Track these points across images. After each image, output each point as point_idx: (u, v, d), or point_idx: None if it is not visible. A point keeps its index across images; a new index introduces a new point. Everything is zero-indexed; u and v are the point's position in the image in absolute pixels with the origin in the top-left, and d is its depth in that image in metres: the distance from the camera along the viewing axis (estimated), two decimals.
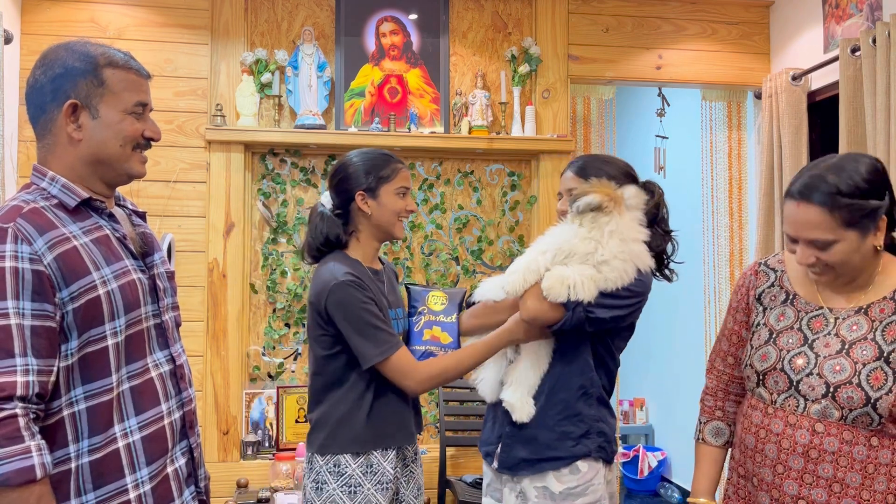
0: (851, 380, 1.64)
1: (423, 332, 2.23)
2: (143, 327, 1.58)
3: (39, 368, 1.41)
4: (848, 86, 3.42)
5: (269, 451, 3.73)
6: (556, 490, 2.02)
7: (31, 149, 3.65)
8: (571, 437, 2.03)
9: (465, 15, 4.06)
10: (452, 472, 3.86)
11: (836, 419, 1.65)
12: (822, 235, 1.64)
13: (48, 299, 1.43)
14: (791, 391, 1.71)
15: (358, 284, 2.07)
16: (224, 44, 3.83)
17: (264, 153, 3.87)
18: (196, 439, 1.70)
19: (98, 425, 1.49)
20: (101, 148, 1.55)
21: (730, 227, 4.33)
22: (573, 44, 4.11)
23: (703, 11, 4.23)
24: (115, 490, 1.50)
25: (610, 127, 4.32)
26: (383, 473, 2.11)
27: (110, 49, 1.58)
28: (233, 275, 3.76)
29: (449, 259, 4.00)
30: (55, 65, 1.54)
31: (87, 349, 1.48)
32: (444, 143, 3.88)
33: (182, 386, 1.67)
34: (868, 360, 1.64)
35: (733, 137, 4.36)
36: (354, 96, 3.91)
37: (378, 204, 2.18)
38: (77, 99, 1.53)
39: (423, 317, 2.24)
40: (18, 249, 1.42)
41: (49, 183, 1.54)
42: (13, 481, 1.35)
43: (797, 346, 1.74)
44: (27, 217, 1.46)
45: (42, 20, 3.70)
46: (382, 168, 2.19)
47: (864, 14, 3.55)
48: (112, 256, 1.54)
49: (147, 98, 1.61)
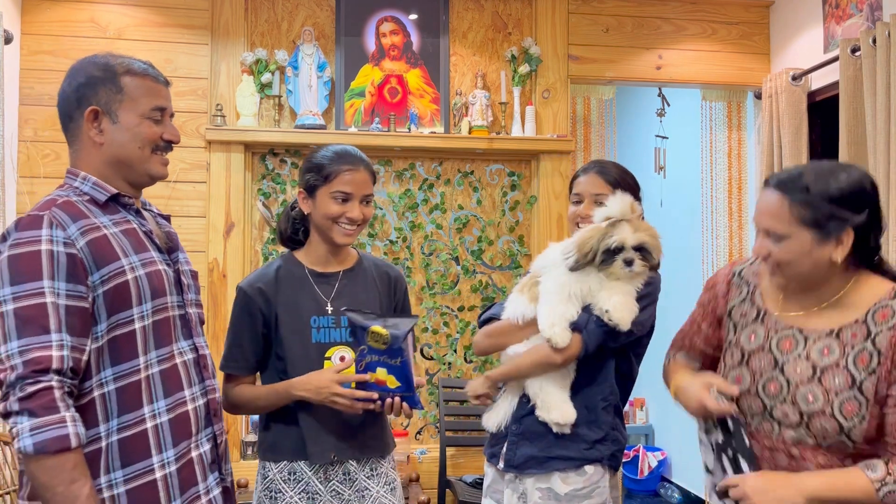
0: (825, 409, 1.59)
1: (366, 373, 1.96)
2: (168, 315, 1.67)
3: (73, 345, 1.50)
4: (848, 86, 3.42)
5: None
6: (562, 492, 1.99)
7: (30, 149, 3.65)
8: (586, 441, 2.01)
9: (465, 15, 4.06)
10: (452, 472, 3.86)
11: (811, 445, 1.63)
12: (775, 226, 1.59)
13: (81, 281, 1.52)
14: (765, 415, 1.69)
15: (249, 297, 2.03)
16: (224, 44, 3.83)
17: (264, 153, 3.87)
18: (220, 427, 1.77)
19: (127, 405, 1.57)
20: (121, 150, 1.66)
21: (729, 227, 4.33)
22: (573, 44, 4.11)
23: (703, 11, 4.23)
24: (143, 469, 1.58)
25: (610, 127, 4.32)
26: (277, 488, 2.01)
27: (130, 59, 1.70)
28: (233, 275, 3.76)
29: (449, 259, 4.00)
30: (79, 75, 1.67)
31: (116, 332, 1.57)
32: (444, 143, 3.88)
33: (205, 374, 1.75)
34: (840, 390, 1.59)
35: (733, 137, 4.36)
36: (354, 96, 3.91)
37: (314, 205, 2.04)
38: (98, 105, 1.64)
39: (364, 357, 1.97)
40: (53, 234, 1.52)
41: (81, 182, 1.66)
42: (50, 448, 1.43)
43: (769, 369, 1.69)
44: (61, 207, 1.57)
45: (42, 20, 3.70)
46: (324, 168, 2.02)
47: (864, 14, 3.55)
48: (139, 247, 1.64)
49: (164, 103, 1.71)
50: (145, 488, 1.58)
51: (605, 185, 2.12)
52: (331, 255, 2.09)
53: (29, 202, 3.59)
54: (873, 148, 3.24)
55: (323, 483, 2.00)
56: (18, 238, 1.51)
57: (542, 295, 1.99)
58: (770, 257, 1.62)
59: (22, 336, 1.47)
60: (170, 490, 1.61)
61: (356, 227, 2.04)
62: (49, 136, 3.67)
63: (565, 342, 1.93)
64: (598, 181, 2.14)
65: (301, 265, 2.08)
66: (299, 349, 2.01)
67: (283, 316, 2.02)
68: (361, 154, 2.08)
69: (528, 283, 2.09)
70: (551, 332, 1.93)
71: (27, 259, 1.50)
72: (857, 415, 1.57)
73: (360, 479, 2.03)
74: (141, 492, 1.57)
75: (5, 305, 1.48)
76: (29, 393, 1.44)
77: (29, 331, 1.47)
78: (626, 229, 1.90)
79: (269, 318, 2.02)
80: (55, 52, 3.70)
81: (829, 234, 1.56)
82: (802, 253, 1.58)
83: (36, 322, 1.47)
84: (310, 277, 2.06)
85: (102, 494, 1.54)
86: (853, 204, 1.56)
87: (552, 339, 1.93)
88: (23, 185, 3.61)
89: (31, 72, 3.68)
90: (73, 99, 1.66)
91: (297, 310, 2.02)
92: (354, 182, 2.01)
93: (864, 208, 1.57)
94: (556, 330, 1.93)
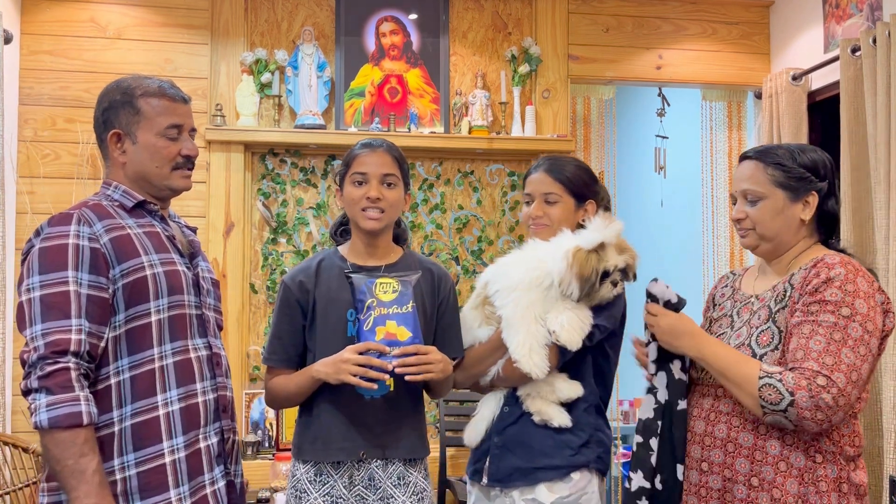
0: (745, 341, 1.78)
1: (374, 332, 1.88)
2: (185, 313, 1.78)
3: (91, 331, 1.63)
4: (848, 86, 3.42)
5: (268, 451, 3.73)
6: (547, 501, 1.95)
7: (30, 149, 3.65)
8: (570, 447, 1.98)
9: (465, 15, 4.06)
10: (452, 472, 3.86)
11: None
12: (753, 188, 1.82)
13: (102, 273, 1.67)
14: None
15: (288, 289, 2.01)
16: (224, 44, 3.83)
17: (264, 153, 3.87)
18: (229, 424, 1.86)
19: (140, 393, 1.69)
20: (141, 168, 1.80)
21: (729, 227, 4.33)
22: (573, 44, 4.11)
23: (703, 11, 4.23)
24: (154, 453, 1.69)
25: (610, 127, 4.32)
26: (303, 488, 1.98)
27: (150, 80, 1.83)
28: (233, 275, 3.76)
29: (449, 259, 4.00)
30: (104, 100, 1.82)
31: (133, 323, 1.70)
32: (444, 143, 3.88)
33: (217, 372, 1.85)
34: (760, 324, 1.78)
35: (733, 137, 4.36)
36: (354, 96, 3.91)
37: (343, 196, 2.04)
38: (119, 128, 1.79)
39: (371, 312, 1.89)
40: (80, 230, 1.67)
41: (113, 190, 1.81)
42: (63, 423, 1.56)
43: (723, 329, 1.88)
44: (91, 207, 1.74)
45: (42, 20, 3.70)
46: (347, 157, 2.04)
47: (864, 14, 3.55)
48: (160, 247, 1.78)
49: (181, 120, 1.82)
50: (155, 472, 1.68)
51: (553, 184, 2.10)
52: (370, 248, 2.03)
53: (29, 202, 3.59)
54: (873, 148, 3.24)
55: (347, 488, 1.96)
56: (49, 233, 1.67)
57: (508, 323, 1.96)
58: (747, 219, 1.84)
59: (46, 320, 1.61)
60: (178, 475, 1.70)
61: (380, 210, 1.97)
62: (49, 136, 3.67)
63: (545, 372, 1.93)
64: (547, 179, 2.11)
65: (343, 259, 2.04)
66: (333, 342, 1.95)
67: (321, 308, 1.99)
68: (386, 141, 2.07)
69: (480, 300, 2.08)
70: (530, 366, 1.91)
71: (55, 251, 1.65)
72: (770, 344, 1.74)
73: (387, 485, 1.96)
74: (151, 475, 1.68)
75: (33, 292, 1.63)
76: (48, 372, 1.57)
77: (52, 316, 1.61)
78: (613, 254, 1.94)
79: (307, 311, 2.00)
80: (55, 52, 3.70)
81: (798, 194, 1.80)
82: (776, 211, 1.81)
83: (59, 308, 1.61)
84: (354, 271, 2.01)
85: (115, 476, 1.65)
86: (817, 172, 1.82)
87: (531, 372, 1.91)
88: (22, 185, 3.61)
89: (31, 72, 3.68)
90: (101, 122, 1.82)
91: (335, 302, 1.99)
92: (370, 162, 1.99)
93: (825, 178, 1.82)
94: (534, 360, 1.91)
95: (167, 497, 1.68)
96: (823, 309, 1.68)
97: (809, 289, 1.71)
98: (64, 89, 3.70)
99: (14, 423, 3.45)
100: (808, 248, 1.84)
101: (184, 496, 1.70)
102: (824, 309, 1.68)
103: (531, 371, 1.91)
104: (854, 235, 3.36)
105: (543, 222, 2.10)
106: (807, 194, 1.80)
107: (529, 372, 1.91)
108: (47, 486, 1.68)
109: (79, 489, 1.57)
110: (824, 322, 1.67)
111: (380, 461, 1.96)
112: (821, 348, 1.65)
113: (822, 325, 1.67)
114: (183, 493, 1.70)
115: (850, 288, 1.68)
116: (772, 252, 1.86)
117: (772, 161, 1.82)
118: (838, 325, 1.66)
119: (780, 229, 1.82)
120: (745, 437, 1.74)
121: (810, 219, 1.82)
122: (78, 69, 3.71)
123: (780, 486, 1.70)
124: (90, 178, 3.66)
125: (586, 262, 1.89)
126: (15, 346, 3.35)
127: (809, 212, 1.81)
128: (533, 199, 2.12)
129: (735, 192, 1.88)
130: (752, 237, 1.85)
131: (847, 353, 1.64)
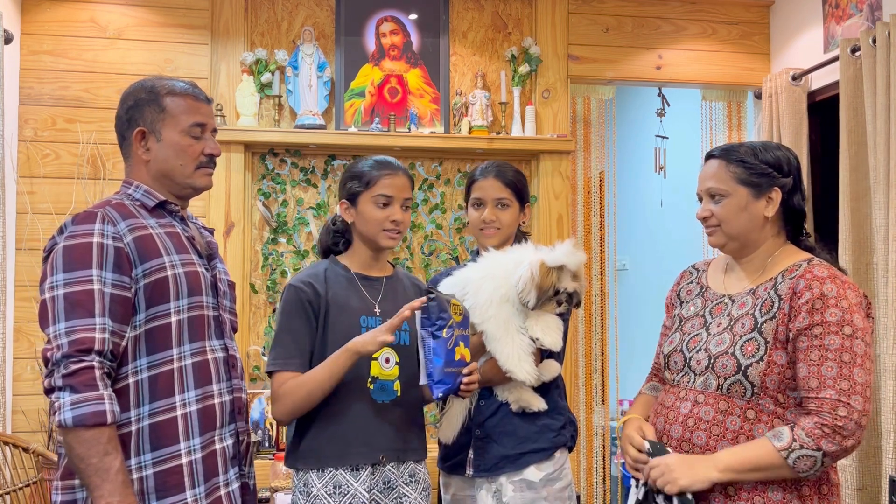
0: (728, 350, 1.77)
1: (454, 352, 1.89)
2: (203, 314, 1.80)
3: (114, 330, 1.64)
4: (848, 86, 3.42)
5: (269, 451, 3.73)
6: (536, 479, 2.10)
7: (30, 149, 3.65)
8: (552, 429, 2.15)
9: (465, 15, 4.06)
10: None
11: (713, 389, 1.77)
12: (717, 185, 1.84)
13: (126, 272, 1.68)
14: (685, 369, 1.85)
15: (301, 290, 2.01)
16: (224, 44, 3.83)
17: (264, 153, 3.87)
18: (243, 426, 1.88)
19: (159, 393, 1.70)
20: (165, 165, 1.82)
21: None
22: (573, 44, 4.11)
23: (703, 11, 4.23)
24: (171, 453, 1.70)
25: (610, 127, 4.32)
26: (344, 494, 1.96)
27: (174, 80, 1.86)
28: (233, 275, 3.71)
29: (449, 259, 4.00)
30: (129, 99, 1.83)
31: (153, 323, 1.71)
32: (444, 143, 3.88)
33: (233, 374, 1.87)
34: (745, 333, 1.77)
35: (733, 137, 4.36)
36: (354, 96, 3.91)
37: (357, 213, 2.08)
38: (144, 126, 1.80)
39: (453, 331, 1.91)
40: (104, 229, 1.68)
41: (134, 189, 1.83)
42: (88, 422, 1.57)
43: (697, 329, 1.88)
44: (114, 206, 1.75)
45: (42, 20, 3.70)
46: (365, 175, 2.07)
47: (864, 14, 3.55)
48: (181, 248, 1.80)
49: (204, 119, 1.85)
50: (172, 472, 1.69)
51: (504, 189, 2.25)
52: (374, 261, 2.13)
53: (29, 202, 3.60)
54: (873, 148, 3.24)
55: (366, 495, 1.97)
56: (73, 231, 1.68)
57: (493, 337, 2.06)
58: (712, 217, 1.86)
59: (70, 318, 1.61)
60: (194, 476, 1.71)
61: (398, 232, 2.07)
62: (49, 136, 3.67)
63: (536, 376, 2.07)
64: (497, 185, 2.24)
65: (347, 268, 2.10)
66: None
67: (334, 313, 2.02)
68: (399, 162, 2.14)
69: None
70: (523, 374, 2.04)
71: (79, 250, 1.65)
72: (755, 355, 1.73)
73: (399, 484, 2.01)
74: (168, 475, 1.69)
75: (57, 290, 1.63)
76: (72, 370, 1.58)
77: (76, 314, 1.61)
78: (567, 279, 2.07)
79: (319, 313, 2.02)
80: (55, 52, 3.70)
81: (761, 190, 1.82)
82: (740, 208, 1.82)
83: (83, 306, 1.62)
84: (357, 280, 2.08)
85: (132, 475, 1.66)
86: (780, 168, 1.83)
87: (526, 379, 2.05)
88: (23, 185, 3.61)
89: (31, 72, 3.68)
90: (125, 120, 1.83)
91: (347, 308, 2.03)
92: (395, 185, 2.06)
93: (789, 174, 1.84)
94: (525, 368, 2.04)
95: (183, 498, 1.69)
96: (827, 331, 1.69)
97: (805, 306, 1.71)
98: (64, 89, 3.70)
99: (14, 423, 3.45)
100: (780, 248, 1.86)
101: (199, 497, 1.71)
102: (828, 331, 1.69)
103: (525, 379, 2.04)
104: (853, 235, 3.37)
105: (495, 226, 2.25)
106: (769, 190, 1.82)
107: (524, 380, 2.04)
108: (61, 483, 1.68)
109: (102, 488, 1.58)
110: (831, 346, 1.68)
111: (395, 463, 2.02)
112: (834, 374, 1.67)
113: (830, 349, 1.68)
114: (199, 494, 1.71)
115: (845, 304, 1.71)
116: (739, 250, 1.88)
117: (735, 159, 1.84)
118: (844, 346, 1.68)
119: (745, 226, 1.83)
120: (725, 446, 1.74)
121: (776, 215, 1.84)
122: (78, 69, 3.72)
123: (763, 494, 1.70)
124: (90, 178, 3.66)
125: (546, 276, 2.03)
126: (15, 346, 3.35)
127: (773, 208, 1.82)
128: (483, 204, 2.26)
129: (700, 191, 1.90)
130: (719, 235, 1.87)
131: (858, 372, 1.67)
